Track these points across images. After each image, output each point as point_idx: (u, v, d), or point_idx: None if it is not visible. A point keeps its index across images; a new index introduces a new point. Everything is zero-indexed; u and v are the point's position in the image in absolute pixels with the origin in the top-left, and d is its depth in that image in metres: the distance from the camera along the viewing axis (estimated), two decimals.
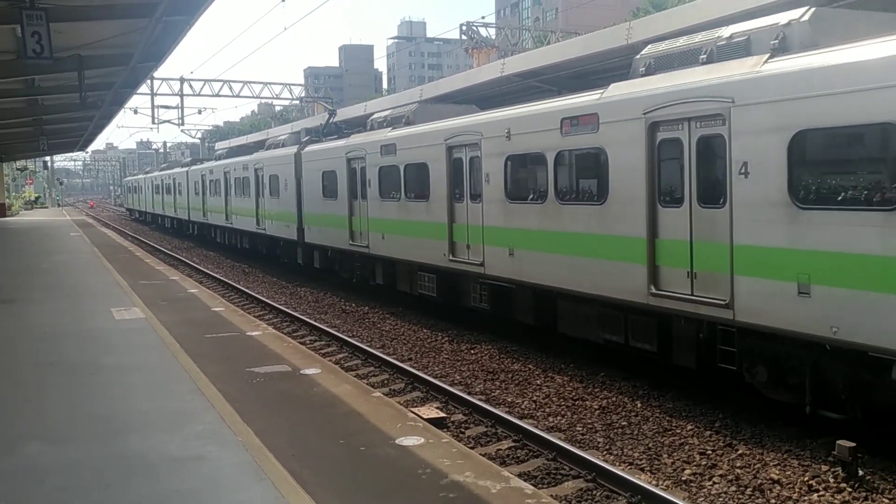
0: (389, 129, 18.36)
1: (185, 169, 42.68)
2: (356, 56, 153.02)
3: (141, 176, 66.01)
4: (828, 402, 8.67)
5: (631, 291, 10.84)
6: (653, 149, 10.36)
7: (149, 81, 47.40)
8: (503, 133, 13.51)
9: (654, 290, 10.40)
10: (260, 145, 34.07)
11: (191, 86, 51.96)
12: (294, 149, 24.60)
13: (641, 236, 10.57)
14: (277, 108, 79.00)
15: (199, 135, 75.89)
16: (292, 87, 56.11)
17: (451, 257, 15.43)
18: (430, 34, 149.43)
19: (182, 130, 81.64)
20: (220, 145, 54.44)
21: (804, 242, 8.35)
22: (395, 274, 18.42)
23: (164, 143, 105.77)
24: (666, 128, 10.15)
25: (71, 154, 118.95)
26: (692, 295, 9.82)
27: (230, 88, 52.54)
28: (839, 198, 8.15)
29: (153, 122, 55.45)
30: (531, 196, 13.18)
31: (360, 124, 23.30)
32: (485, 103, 18.88)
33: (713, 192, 9.58)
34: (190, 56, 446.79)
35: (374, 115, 20.71)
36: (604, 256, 11.36)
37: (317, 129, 26.48)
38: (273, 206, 26.27)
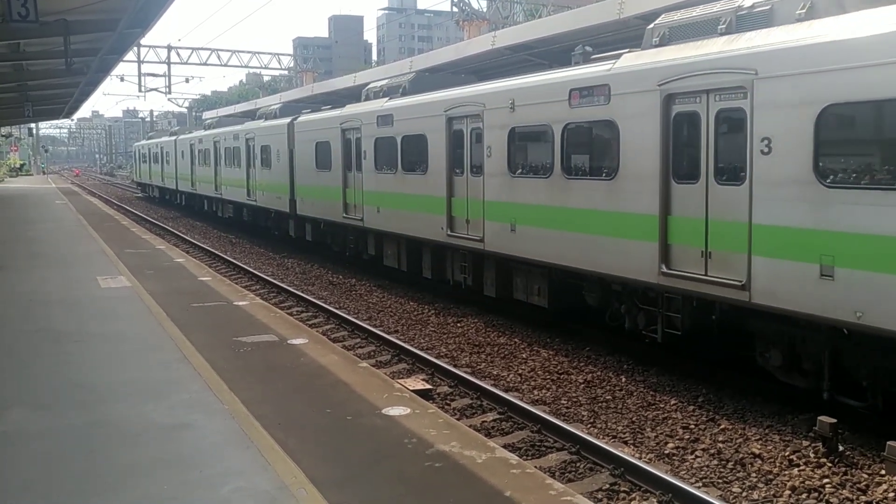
0: None
1: (277, 122, 24.36)
2: (346, 27, 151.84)
3: (167, 139, 43.94)
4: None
5: None
6: None
7: (136, 49, 46.91)
8: None
9: None
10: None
11: (178, 54, 51.48)
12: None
13: None
14: (266, 79, 78.30)
15: (186, 104, 75.22)
16: (281, 56, 55.57)
17: None
18: (420, 6, 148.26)
19: (169, 99, 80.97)
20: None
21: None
22: None
23: (151, 111, 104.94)
24: None
25: (56, 121, 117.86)
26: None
27: (218, 57, 52.10)
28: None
29: (140, 90, 54.98)
30: None
31: None
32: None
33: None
34: (178, 24, 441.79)
35: None
36: None
37: None
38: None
